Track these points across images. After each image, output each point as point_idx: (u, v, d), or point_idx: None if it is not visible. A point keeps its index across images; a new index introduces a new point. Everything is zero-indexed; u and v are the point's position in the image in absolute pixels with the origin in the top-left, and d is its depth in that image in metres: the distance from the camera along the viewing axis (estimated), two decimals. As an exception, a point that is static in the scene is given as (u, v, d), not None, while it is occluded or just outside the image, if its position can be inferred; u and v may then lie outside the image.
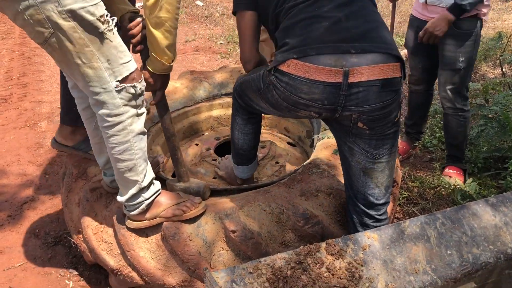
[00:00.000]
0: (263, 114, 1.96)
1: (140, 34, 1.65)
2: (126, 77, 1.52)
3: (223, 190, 1.96)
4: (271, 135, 2.57)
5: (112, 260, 1.78)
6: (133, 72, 1.54)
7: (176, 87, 2.67)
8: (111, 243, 1.80)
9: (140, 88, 1.56)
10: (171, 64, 1.65)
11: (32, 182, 2.81)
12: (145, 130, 1.64)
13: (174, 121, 2.45)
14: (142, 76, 1.61)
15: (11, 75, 4.36)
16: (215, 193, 1.93)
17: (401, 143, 2.87)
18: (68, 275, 2.13)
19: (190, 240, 1.66)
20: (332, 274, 1.30)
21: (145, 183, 1.67)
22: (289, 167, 2.27)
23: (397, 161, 2.21)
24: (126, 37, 1.67)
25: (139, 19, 1.64)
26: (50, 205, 2.60)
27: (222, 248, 1.68)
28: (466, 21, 2.30)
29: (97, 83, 1.49)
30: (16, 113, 3.67)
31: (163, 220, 1.71)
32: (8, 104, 3.81)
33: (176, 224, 1.68)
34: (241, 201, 1.75)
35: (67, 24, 1.38)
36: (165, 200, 1.73)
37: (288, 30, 1.47)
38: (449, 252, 1.44)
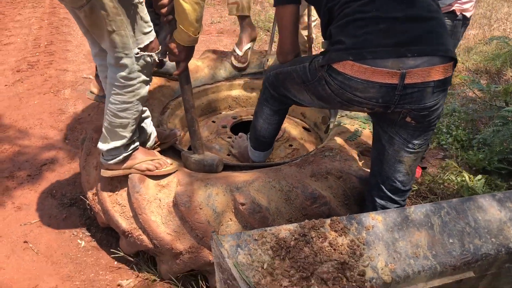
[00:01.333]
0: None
1: (169, 5, 1.71)
2: (147, 45, 1.64)
3: (236, 166, 2.01)
4: (288, 119, 2.60)
5: (124, 222, 1.85)
6: (152, 41, 1.66)
7: (198, 66, 2.72)
8: (125, 206, 1.87)
9: (155, 59, 1.68)
10: (197, 36, 1.70)
11: (53, 146, 2.90)
12: (146, 96, 1.77)
13: (194, 97, 2.51)
14: (159, 47, 1.71)
15: (39, 43, 4.46)
16: (228, 168, 1.99)
17: None
18: (81, 235, 2.21)
19: (201, 208, 1.72)
20: (334, 249, 1.34)
21: (128, 141, 1.81)
22: (302, 151, 2.31)
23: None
24: (156, 8, 1.74)
25: None
26: (68, 168, 2.68)
27: (230, 219, 1.74)
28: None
29: (121, 49, 1.60)
30: (41, 79, 3.76)
31: (135, 172, 1.83)
32: (34, 70, 3.90)
33: (188, 192, 1.74)
34: (252, 177, 1.80)
35: None
36: (141, 155, 1.86)
37: (343, 28, 1.44)
38: (451, 240, 1.46)
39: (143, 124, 1.95)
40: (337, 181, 1.82)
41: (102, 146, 1.81)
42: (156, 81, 2.51)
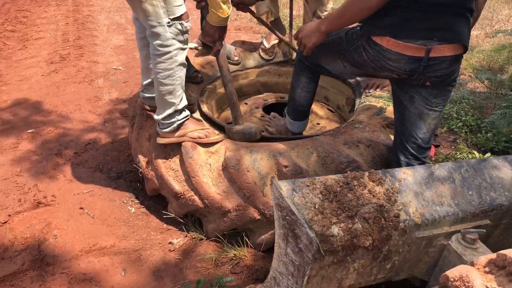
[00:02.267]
0: None
1: None
2: (177, 17, 1.89)
3: (275, 138, 2.25)
4: (315, 102, 2.85)
5: (178, 185, 2.09)
6: (183, 14, 1.92)
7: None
8: (178, 171, 2.10)
9: (186, 26, 1.93)
10: (226, 17, 1.97)
11: (93, 128, 3.14)
12: (186, 63, 2.02)
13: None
14: (189, 17, 1.97)
15: (67, 37, 4.71)
16: (267, 140, 2.23)
17: None
18: (130, 203, 2.45)
19: (248, 171, 1.96)
20: (373, 195, 1.58)
21: (180, 106, 2.06)
22: (330, 128, 2.55)
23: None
24: None
25: None
26: (111, 147, 2.92)
27: (274, 180, 1.97)
28: None
29: (154, 18, 1.87)
30: (74, 70, 4.01)
31: (188, 140, 2.08)
32: (67, 62, 4.15)
33: (237, 156, 1.98)
34: (292, 144, 2.04)
35: None
36: (192, 125, 2.11)
37: (388, 9, 1.65)
38: (470, 192, 1.70)
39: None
40: (367, 148, 2.06)
41: (158, 117, 2.06)
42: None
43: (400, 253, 1.66)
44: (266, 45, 3.03)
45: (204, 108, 2.51)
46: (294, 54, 3.01)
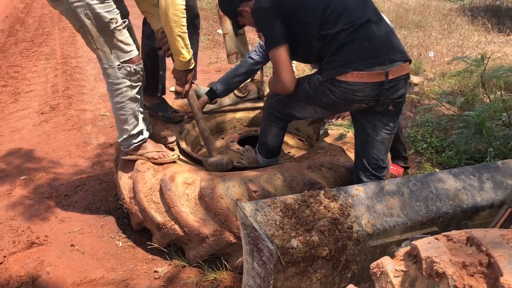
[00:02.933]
0: None
1: (167, 44, 2.30)
2: (127, 60, 2.24)
3: (247, 167, 2.46)
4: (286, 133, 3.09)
5: (159, 216, 2.28)
6: (132, 57, 2.26)
7: (206, 94, 3.22)
8: (159, 203, 2.30)
9: (135, 68, 2.27)
10: (187, 61, 2.25)
11: (83, 171, 3.34)
12: (137, 97, 2.35)
13: (205, 120, 3.01)
14: (140, 61, 2.30)
15: (57, 89, 4.97)
16: (240, 170, 2.44)
17: (395, 166, 3.25)
18: (118, 238, 2.62)
19: (221, 198, 2.15)
20: (328, 211, 1.78)
21: (134, 132, 2.40)
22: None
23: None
24: (159, 45, 2.43)
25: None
26: (99, 187, 3.11)
27: (246, 205, 2.17)
28: None
29: (106, 61, 2.23)
30: (64, 118, 4.24)
31: (145, 159, 2.43)
32: (56, 112, 4.39)
33: (211, 186, 2.18)
34: (261, 171, 2.25)
35: (88, 22, 2.13)
36: (150, 146, 2.47)
37: (339, 50, 1.94)
38: (418, 204, 1.91)
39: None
40: (328, 171, 2.28)
41: (118, 139, 2.45)
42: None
43: (358, 262, 1.84)
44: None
45: (183, 145, 2.73)
46: (266, 88, 3.26)
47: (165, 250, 2.41)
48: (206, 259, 2.31)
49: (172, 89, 3.34)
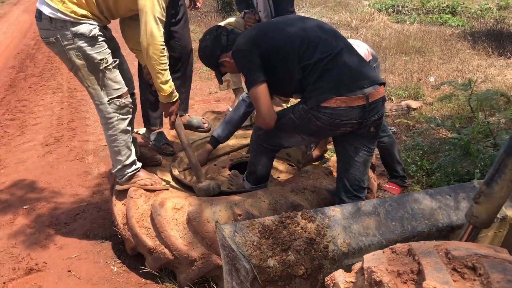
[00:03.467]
0: None
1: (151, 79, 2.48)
2: (116, 96, 2.40)
3: (234, 192, 2.56)
4: (276, 158, 3.19)
5: (150, 241, 2.38)
6: (121, 94, 2.42)
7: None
8: (149, 228, 2.40)
9: (124, 102, 2.42)
10: (168, 94, 2.41)
11: (83, 200, 3.46)
12: (128, 129, 2.49)
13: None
14: (128, 95, 2.46)
15: (61, 121, 5.16)
16: (228, 193, 2.54)
17: (392, 185, 3.35)
18: (113, 263, 2.71)
19: (208, 222, 2.25)
20: (304, 231, 1.87)
21: (127, 162, 2.52)
22: (288, 181, 2.86)
23: (372, 174, 2.79)
24: (146, 79, 2.62)
25: None
26: (97, 215, 3.23)
27: (231, 228, 2.26)
28: None
29: (96, 98, 2.40)
30: (67, 149, 4.40)
31: (137, 186, 2.53)
32: (60, 143, 4.55)
33: (198, 210, 2.28)
34: (246, 196, 2.35)
35: (80, 62, 2.30)
36: (143, 174, 2.58)
37: (321, 77, 2.08)
38: (393, 223, 1.98)
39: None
40: (311, 194, 2.37)
41: (113, 170, 2.57)
42: (170, 137, 3.15)
43: (335, 280, 1.90)
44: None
45: (175, 172, 2.84)
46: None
47: (157, 274, 2.49)
48: (196, 282, 2.38)
49: None
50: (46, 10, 2.22)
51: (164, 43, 2.28)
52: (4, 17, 13.20)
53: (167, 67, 2.34)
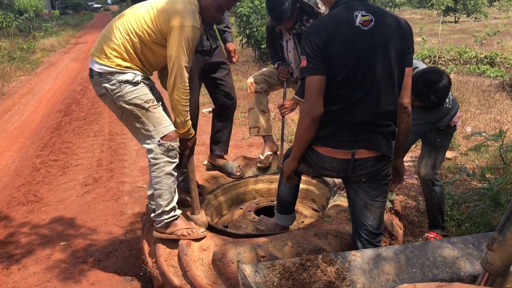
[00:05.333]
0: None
1: None
2: (165, 135, 2.52)
3: (260, 234, 2.64)
4: (301, 203, 3.27)
5: (177, 279, 2.46)
6: (170, 132, 2.53)
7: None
8: (176, 267, 2.49)
9: (172, 145, 2.53)
10: (186, 132, 2.59)
11: (116, 239, 3.60)
12: (173, 173, 2.58)
13: (225, 191, 3.28)
14: (177, 139, 2.57)
15: (101, 163, 5.42)
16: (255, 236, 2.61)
17: (435, 234, 3.31)
18: (141, 301, 2.80)
19: (232, 262, 2.32)
20: (324, 274, 1.92)
21: (167, 208, 2.58)
22: (313, 226, 2.91)
23: (398, 222, 2.80)
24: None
25: None
26: (129, 254, 3.35)
27: (255, 269, 2.31)
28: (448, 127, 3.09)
29: (147, 139, 2.53)
30: (104, 190, 4.61)
31: (175, 237, 2.55)
32: (98, 184, 4.78)
33: (223, 251, 2.36)
34: (271, 238, 2.42)
35: (129, 107, 2.48)
36: (181, 224, 2.61)
37: (321, 126, 2.09)
38: (414, 270, 2.00)
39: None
40: (334, 238, 2.41)
41: (152, 215, 2.63)
42: (199, 179, 3.29)
43: (353, 324, 1.92)
44: (261, 157, 3.55)
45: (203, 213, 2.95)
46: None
47: (182, 313, 2.54)
48: (219, 323, 2.42)
49: (205, 162, 3.65)
50: (96, 67, 2.48)
51: (188, 87, 2.47)
52: (55, 64, 14.14)
53: (188, 109, 2.54)
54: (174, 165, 2.56)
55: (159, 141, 2.49)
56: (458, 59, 10.74)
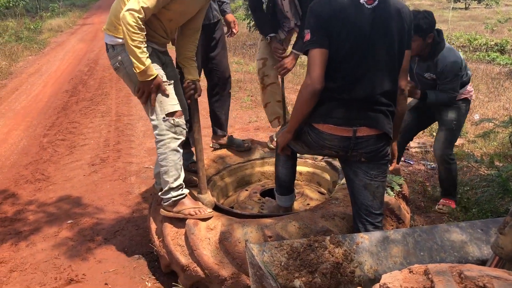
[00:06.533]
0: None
1: (189, 93, 2.74)
2: (170, 113, 2.50)
3: (266, 215, 2.64)
4: (307, 186, 3.26)
5: (183, 258, 2.47)
6: (175, 111, 2.52)
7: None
8: (183, 246, 2.50)
9: (177, 122, 2.52)
10: (142, 71, 2.37)
11: (123, 218, 3.62)
12: (178, 150, 2.56)
13: (231, 173, 3.28)
14: (182, 116, 2.56)
15: (108, 143, 5.43)
16: (260, 217, 2.61)
17: (448, 200, 3.52)
18: (148, 279, 2.82)
19: (239, 242, 2.33)
20: (332, 255, 1.92)
21: (173, 185, 2.56)
22: (320, 208, 2.91)
23: (405, 205, 2.79)
24: (185, 96, 2.77)
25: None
26: (136, 233, 3.37)
27: (261, 249, 2.32)
28: (459, 101, 3.09)
29: (153, 114, 2.51)
30: (111, 170, 4.62)
31: (182, 216, 2.55)
32: (105, 163, 4.80)
33: (230, 231, 2.37)
34: (277, 219, 2.42)
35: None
36: (188, 203, 2.60)
37: (321, 102, 2.11)
38: (422, 253, 2.00)
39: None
40: (341, 220, 2.41)
41: (159, 192, 2.62)
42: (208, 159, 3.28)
43: (360, 306, 1.93)
44: (275, 138, 3.52)
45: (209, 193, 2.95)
46: None
47: (189, 291, 2.57)
48: (225, 302, 2.44)
49: (211, 145, 3.64)
50: (107, 40, 2.51)
51: (137, 23, 2.29)
52: (62, 45, 14.10)
53: (142, 45, 2.35)
54: (179, 141, 2.56)
55: (163, 118, 2.49)
56: (467, 46, 10.61)
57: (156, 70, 2.46)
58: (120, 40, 2.44)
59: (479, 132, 5.37)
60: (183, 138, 2.59)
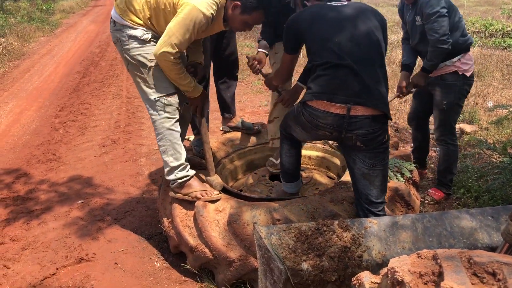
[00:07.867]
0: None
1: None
2: (162, 95, 2.53)
3: (274, 198, 2.64)
4: (316, 170, 3.25)
5: (192, 240, 2.49)
6: (168, 93, 2.55)
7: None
8: (192, 227, 2.51)
9: (169, 101, 2.54)
10: (189, 91, 2.58)
11: (133, 199, 3.65)
12: (174, 129, 2.58)
13: (241, 156, 3.27)
14: (176, 95, 2.58)
15: (119, 125, 5.46)
16: (269, 200, 2.62)
17: (437, 190, 3.46)
18: (156, 259, 2.85)
19: (247, 224, 2.33)
20: (340, 239, 1.91)
21: (173, 164, 2.58)
22: (329, 193, 2.90)
23: (415, 192, 2.77)
24: None
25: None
26: (145, 214, 3.40)
27: (270, 232, 2.33)
28: (448, 75, 3.07)
29: (146, 95, 2.55)
30: (122, 151, 4.65)
31: (190, 199, 2.57)
32: (116, 145, 4.82)
33: (238, 213, 2.37)
34: (286, 203, 2.42)
35: (133, 62, 2.50)
36: (195, 185, 2.61)
37: (314, 80, 2.20)
38: (430, 239, 1.99)
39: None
40: (350, 205, 2.40)
41: (166, 176, 2.64)
42: (213, 143, 3.28)
43: (367, 290, 1.93)
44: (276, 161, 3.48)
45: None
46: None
47: (197, 272, 2.59)
48: (233, 283, 2.46)
49: (221, 128, 3.64)
50: (113, 15, 2.54)
51: (175, 58, 2.39)
52: (74, 26, 14.11)
53: (182, 73, 2.50)
54: (173, 120, 2.58)
55: (155, 98, 2.52)
56: (483, 32, 10.40)
57: (151, 53, 2.49)
58: (122, 21, 2.48)
59: (493, 119, 5.30)
60: (177, 116, 2.61)
